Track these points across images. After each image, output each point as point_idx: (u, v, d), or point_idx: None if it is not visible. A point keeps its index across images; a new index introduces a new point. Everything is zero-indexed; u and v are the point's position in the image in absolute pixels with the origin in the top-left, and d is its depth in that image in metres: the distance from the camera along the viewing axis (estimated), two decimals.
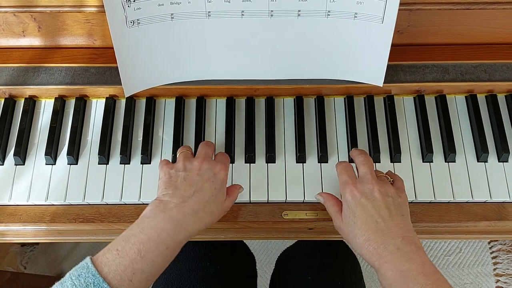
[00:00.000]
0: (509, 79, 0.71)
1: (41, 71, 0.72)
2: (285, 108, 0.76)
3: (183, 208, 0.57)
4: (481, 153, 0.70)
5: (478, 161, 0.71)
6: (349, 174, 0.62)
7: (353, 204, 0.59)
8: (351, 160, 0.71)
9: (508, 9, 0.65)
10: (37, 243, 1.43)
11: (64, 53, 0.73)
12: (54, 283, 0.52)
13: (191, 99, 0.76)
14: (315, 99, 0.76)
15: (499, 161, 0.71)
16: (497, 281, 1.39)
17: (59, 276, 1.38)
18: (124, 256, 0.52)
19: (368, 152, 0.72)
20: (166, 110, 0.76)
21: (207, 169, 0.61)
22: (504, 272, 1.40)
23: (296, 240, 0.94)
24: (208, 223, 0.60)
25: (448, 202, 0.70)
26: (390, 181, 0.64)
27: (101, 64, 0.72)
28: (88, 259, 0.52)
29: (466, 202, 0.70)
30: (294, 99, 0.76)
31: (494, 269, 1.40)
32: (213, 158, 0.66)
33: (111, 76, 0.71)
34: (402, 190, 0.63)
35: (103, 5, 0.60)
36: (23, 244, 1.43)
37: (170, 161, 0.71)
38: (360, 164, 0.63)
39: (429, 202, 0.70)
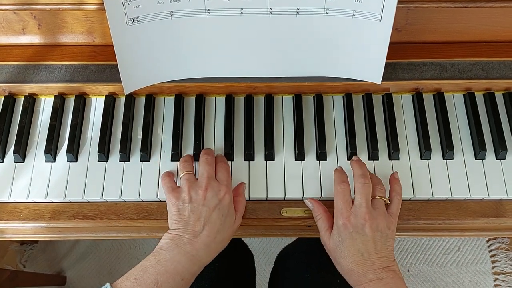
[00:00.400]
0: (507, 76, 0.72)
1: (41, 69, 0.72)
2: (284, 106, 0.76)
3: (196, 244, 0.61)
4: (479, 151, 0.71)
5: (476, 159, 0.72)
6: (345, 200, 0.64)
7: (343, 234, 0.63)
8: (350, 157, 0.72)
9: (505, 7, 0.66)
10: (37, 242, 1.43)
11: (64, 50, 0.74)
12: (53, 281, 0.54)
13: (191, 97, 0.77)
14: (314, 97, 0.76)
15: (496, 159, 0.72)
16: (496, 279, 1.40)
17: (58, 274, 1.40)
18: (141, 285, 0.56)
19: (366, 150, 0.72)
20: (166, 107, 0.76)
21: (212, 198, 0.63)
22: (502, 270, 1.40)
23: (295, 238, 0.94)
24: (219, 250, 0.65)
25: (446, 200, 0.70)
26: (387, 202, 0.66)
27: (101, 62, 0.72)
28: (107, 284, 0.55)
29: (464, 200, 0.70)
30: (293, 97, 0.76)
31: (493, 268, 1.41)
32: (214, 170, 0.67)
33: (111, 73, 0.72)
34: (395, 217, 0.66)
35: (103, 3, 0.60)
36: (22, 243, 1.43)
37: (170, 159, 0.71)
38: (358, 191, 0.65)
39: (427, 200, 0.70)
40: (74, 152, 0.72)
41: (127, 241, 1.44)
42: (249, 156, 0.72)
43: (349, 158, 0.72)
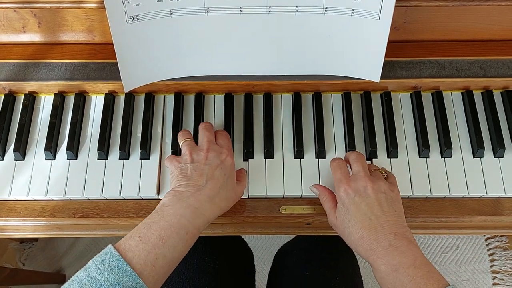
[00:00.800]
0: (504, 75, 0.72)
1: (41, 67, 0.73)
2: (283, 104, 0.76)
3: (199, 195, 0.60)
4: (477, 149, 0.71)
5: (474, 157, 0.72)
6: (342, 171, 0.64)
7: (347, 202, 0.61)
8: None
9: (503, 5, 0.66)
10: (36, 240, 1.44)
11: (64, 49, 0.74)
12: (52, 280, 0.54)
13: (190, 95, 0.77)
14: (313, 95, 0.76)
15: (494, 157, 0.72)
16: (494, 277, 1.40)
17: (58, 273, 1.40)
18: (146, 242, 0.54)
19: (364, 147, 0.73)
20: (165, 105, 0.76)
21: (214, 158, 0.63)
22: (501, 269, 1.40)
23: (294, 236, 0.94)
24: (223, 208, 0.63)
25: (444, 198, 0.71)
26: (384, 175, 0.66)
27: (101, 60, 0.72)
28: (110, 246, 0.54)
29: (462, 198, 0.70)
30: (292, 95, 0.76)
31: (491, 266, 1.41)
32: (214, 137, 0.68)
33: (111, 71, 0.72)
34: (395, 185, 0.65)
35: (103, 1, 0.60)
36: (22, 241, 1.43)
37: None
38: (353, 161, 0.65)
39: (426, 198, 0.71)
40: (74, 150, 0.72)
41: None
42: (248, 154, 0.72)
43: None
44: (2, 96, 0.76)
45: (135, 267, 0.52)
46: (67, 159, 0.72)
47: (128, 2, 0.59)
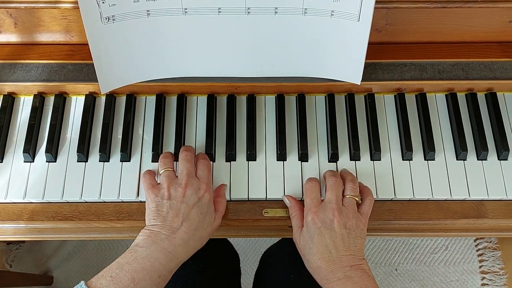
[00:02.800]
0: (486, 77, 0.72)
1: (18, 68, 0.72)
2: (267, 106, 0.76)
3: (173, 240, 0.60)
4: (460, 152, 0.71)
5: (457, 159, 0.72)
6: (313, 197, 0.65)
7: (312, 230, 0.63)
8: (332, 157, 0.71)
9: (483, 7, 0.66)
10: (23, 241, 1.42)
11: (41, 49, 0.73)
12: (40, 281, 0.53)
13: (172, 96, 0.76)
14: (296, 97, 0.76)
15: (478, 159, 0.72)
16: (483, 278, 1.40)
17: (45, 274, 1.39)
18: (117, 283, 0.55)
19: (348, 150, 0.72)
20: (147, 107, 0.75)
21: (191, 195, 0.63)
22: (489, 269, 1.41)
23: (279, 238, 0.94)
24: (197, 248, 0.64)
25: (427, 200, 0.70)
26: (358, 201, 0.66)
27: (79, 61, 0.71)
28: (82, 282, 0.54)
29: (445, 200, 0.70)
30: (275, 97, 0.76)
31: (480, 267, 1.41)
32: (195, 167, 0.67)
33: (88, 72, 0.71)
34: (366, 216, 0.65)
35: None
36: (8, 242, 1.42)
37: (150, 159, 0.71)
38: (328, 188, 0.65)
39: (408, 200, 0.70)
40: (53, 152, 0.71)
41: (114, 241, 1.43)
42: (230, 156, 0.71)
43: (330, 159, 0.72)
44: None
45: None
46: (46, 161, 0.71)
47: (103, 2, 0.58)
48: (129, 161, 0.72)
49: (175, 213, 0.61)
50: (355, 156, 0.71)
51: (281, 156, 0.71)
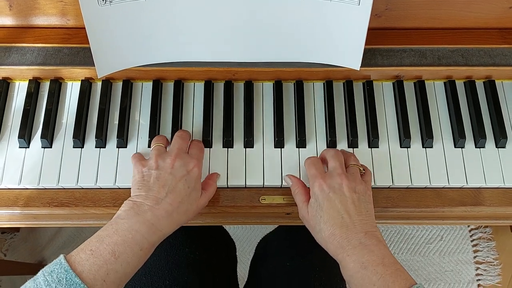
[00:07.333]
0: (486, 63, 0.71)
1: (13, 51, 0.70)
2: (264, 93, 0.75)
3: (157, 210, 0.58)
4: (458, 139, 0.71)
5: (455, 147, 0.72)
6: (317, 167, 0.64)
7: (321, 197, 0.61)
8: (330, 144, 0.71)
9: None
10: (18, 230, 1.42)
11: (37, 33, 0.72)
12: (35, 270, 0.53)
13: (169, 83, 0.75)
14: (294, 83, 0.75)
15: (476, 147, 0.72)
16: (477, 268, 1.41)
17: (40, 263, 1.38)
18: (98, 256, 0.53)
19: (346, 137, 0.72)
20: (143, 93, 0.75)
21: (180, 167, 0.61)
22: (484, 259, 1.42)
23: (276, 226, 0.94)
24: (182, 222, 0.61)
25: (425, 188, 0.70)
26: (362, 172, 0.65)
27: (75, 45, 0.70)
28: (61, 256, 0.53)
29: (442, 188, 0.70)
30: (273, 83, 0.75)
31: (474, 257, 1.42)
32: (188, 147, 0.65)
33: (85, 57, 0.70)
34: (369, 185, 0.64)
35: None
36: (3, 231, 1.41)
37: (147, 145, 0.70)
38: (330, 158, 0.64)
39: (406, 188, 0.70)
40: (48, 138, 0.70)
41: None
42: (228, 143, 0.71)
43: (328, 146, 0.71)
44: None
45: (85, 281, 0.51)
46: (42, 147, 0.71)
47: None
48: (126, 147, 0.71)
49: (161, 184, 0.59)
50: (353, 143, 0.71)
51: (279, 143, 0.71)
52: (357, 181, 0.62)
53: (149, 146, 0.70)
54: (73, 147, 0.70)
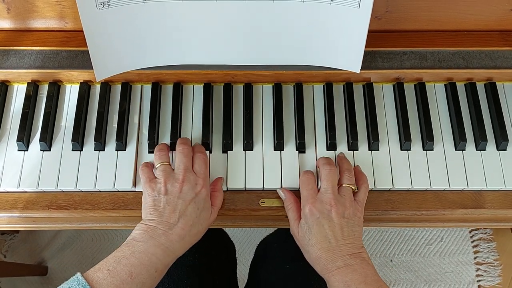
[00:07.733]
0: (487, 66, 0.71)
1: (11, 55, 0.70)
2: (264, 95, 0.75)
3: (170, 235, 0.60)
4: (459, 141, 0.70)
5: (456, 149, 0.71)
6: (309, 188, 0.65)
7: (310, 221, 0.63)
8: (329, 147, 0.71)
9: None
10: (18, 232, 1.42)
11: (35, 36, 0.71)
12: (34, 272, 0.53)
13: (168, 85, 0.75)
14: (294, 86, 0.75)
15: (476, 150, 0.71)
16: (478, 269, 1.41)
17: (40, 265, 1.38)
18: (115, 276, 0.55)
19: (346, 139, 0.72)
20: (143, 96, 0.74)
21: (188, 190, 0.62)
22: (484, 260, 1.41)
23: (276, 228, 0.93)
24: (194, 242, 0.64)
25: (425, 190, 0.70)
26: (354, 190, 0.65)
27: (73, 48, 0.70)
28: (78, 274, 0.54)
29: (443, 190, 0.70)
30: (272, 86, 0.75)
31: (475, 258, 1.42)
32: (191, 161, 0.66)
33: (83, 60, 0.70)
34: (362, 204, 0.65)
35: None
36: (3, 233, 1.41)
37: (146, 148, 0.70)
38: (323, 178, 0.65)
39: (407, 190, 0.70)
40: (47, 141, 0.70)
41: (109, 231, 1.42)
42: (227, 145, 0.71)
43: (328, 148, 0.71)
44: None
45: None
46: (41, 150, 0.70)
47: None
48: (125, 150, 0.71)
49: (172, 209, 0.61)
50: (353, 146, 0.71)
51: (279, 145, 0.71)
52: (346, 205, 0.63)
53: (149, 150, 0.70)
54: (72, 150, 0.70)
